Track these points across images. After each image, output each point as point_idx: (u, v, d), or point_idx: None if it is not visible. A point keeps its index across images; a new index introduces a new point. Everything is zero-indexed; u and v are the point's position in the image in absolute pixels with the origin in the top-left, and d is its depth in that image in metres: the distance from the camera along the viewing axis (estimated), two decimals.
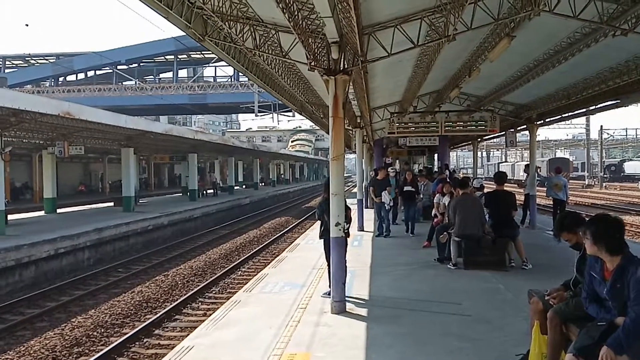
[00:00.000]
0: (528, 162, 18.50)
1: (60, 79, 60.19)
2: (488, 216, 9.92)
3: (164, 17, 6.93)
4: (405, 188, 14.72)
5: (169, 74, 60.33)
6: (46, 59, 61.40)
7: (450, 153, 35.50)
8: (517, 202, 10.77)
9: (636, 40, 8.23)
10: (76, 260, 15.70)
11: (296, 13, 6.22)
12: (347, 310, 7.19)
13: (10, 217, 19.21)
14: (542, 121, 17.10)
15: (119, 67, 56.10)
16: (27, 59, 62.06)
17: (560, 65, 10.44)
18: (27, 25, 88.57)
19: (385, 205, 13.78)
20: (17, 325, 10.21)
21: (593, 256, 3.80)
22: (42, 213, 22.95)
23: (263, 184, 55.19)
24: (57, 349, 8.84)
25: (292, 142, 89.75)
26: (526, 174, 16.82)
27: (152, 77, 61.81)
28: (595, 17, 7.54)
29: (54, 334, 9.61)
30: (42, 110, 15.14)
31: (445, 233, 9.99)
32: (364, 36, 7.38)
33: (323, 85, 9.44)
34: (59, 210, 23.40)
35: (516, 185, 48.58)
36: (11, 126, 17.35)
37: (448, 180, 13.89)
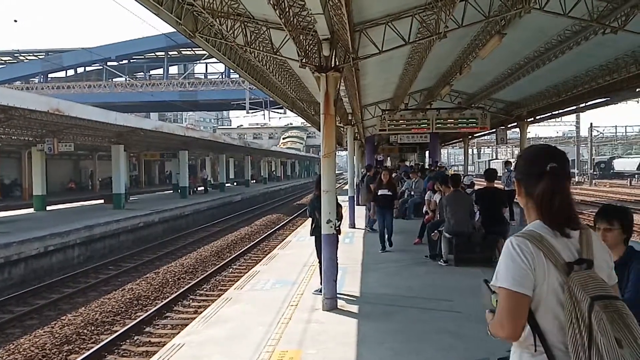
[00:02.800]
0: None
1: (50, 75, 59.74)
2: (478, 213, 9.97)
3: (155, 13, 6.90)
4: (381, 192, 11.68)
5: (160, 71, 60.11)
6: (35, 55, 60.86)
7: (441, 150, 35.59)
8: None
9: (626, 38, 8.30)
10: (66, 258, 15.60)
11: (287, 10, 6.22)
12: (338, 307, 7.21)
13: None
14: (532, 118, 17.21)
15: (109, 63, 55.72)
16: (16, 55, 61.54)
17: (550, 62, 10.52)
18: (15, 21, 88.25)
19: None
20: (7, 323, 10.13)
21: None
22: (31, 210, 22.78)
23: (254, 181, 55.08)
24: (47, 347, 8.78)
25: (283, 139, 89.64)
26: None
27: (142, 73, 61.54)
28: (585, 15, 7.60)
29: (44, 332, 9.54)
30: (32, 106, 15.03)
31: (436, 231, 10.03)
32: (355, 33, 7.39)
33: (314, 82, 9.43)
34: (48, 208, 23.22)
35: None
36: (0, 123, 17.22)
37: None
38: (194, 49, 50.96)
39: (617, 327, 1.70)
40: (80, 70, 60.45)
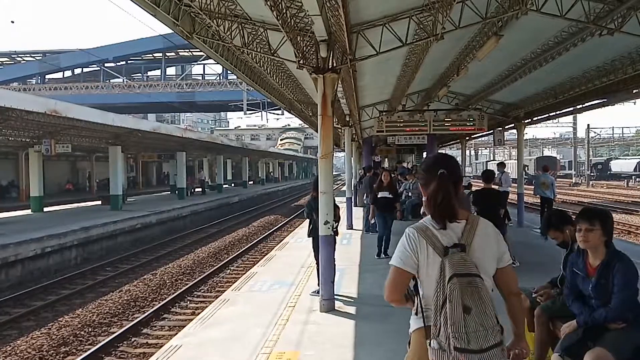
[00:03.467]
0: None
1: (47, 76, 59.63)
2: (476, 214, 9.96)
3: (152, 14, 6.90)
4: (381, 194, 10.92)
5: (157, 72, 59.99)
6: (33, 57, 60.75)
7: (439, 151, 35.60)
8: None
9: (622, 40, 8.31)
10: (63, 259, 15.57)
11: (284, 11, 6.22)
12: (335, 308, 7.22)
13: None
14: (529, 120, 17.21)
15: (106, 64, 55.69)
16: (13, 56, 61.41)
17: (547, 64, 10.52)
18: (13, 22, 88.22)
19: None
20: (4, 324, 10.11)
21: (575, 252, 3.82)
22: (28, 212, 22.72)
23: (252, 182, 55.07)
24: (44, 348, 8.76)
25: (281, 140, 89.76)
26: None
27: (140, 74, 61.44)
28: (581, 17, 7.61)
29: (41, 334, 9.52)
30: (29, 108, 15.02)
31: None
32: (353, 34, 7.39)
33: (312, 83, 9.43)
34: (45, 209, 23.17)
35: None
36: None
37: None
38: (191, 50, 50.93)
39: (470, 297, 2.22)
40: (77, 71, 60.29)
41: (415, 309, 2.51)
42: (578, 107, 14.94)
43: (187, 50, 52.95)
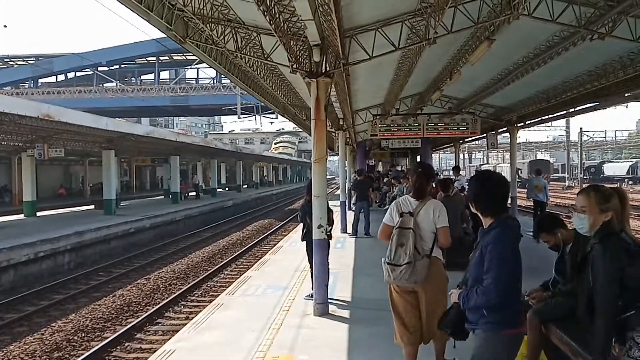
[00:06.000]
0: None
1: (40, 80, 59.41)
2: (470, 217, 9.97)
3: (145, 19, 6.91)
4: None
5: (151, 76, 59.87)
6: (25, 61, 60.61)
7: (433, 155, 35.70)
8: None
9: (613, 44, 8.39)
10: (56, 264, 15.50)
11: (277, 16, 6.24)
12: (329, 312, 7.22)
13: None
14: (522, 123, 17.29)
15: (99, 68, 55.60)
16: (6, 60, 61.18)
17: (539, 68, 10.58)
18: (5, 26, 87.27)
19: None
20: None
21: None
22: (21, 216, 22.64)
23: (246, 186, 54.97)
24: (36, 354, 8.72)
25: (275, 144, 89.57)
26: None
27: (133, 78, 61.33)
28: (573, 21, 7.67)
29: (34, 339, 9.47)
30: (21, 112, 14.96)
31: None
32: (346, 39, 7.42)
33: (305, 87, 9.46)
34: (39, 214, 23.08)
35: None
36: None
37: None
38: (185, 54, 50.81)
39: (404, 238, 4.41)
40: (70, 75, 60.13)
41: None
42: (570, 110, 15.03)
43: (181, 54, 52.90)
